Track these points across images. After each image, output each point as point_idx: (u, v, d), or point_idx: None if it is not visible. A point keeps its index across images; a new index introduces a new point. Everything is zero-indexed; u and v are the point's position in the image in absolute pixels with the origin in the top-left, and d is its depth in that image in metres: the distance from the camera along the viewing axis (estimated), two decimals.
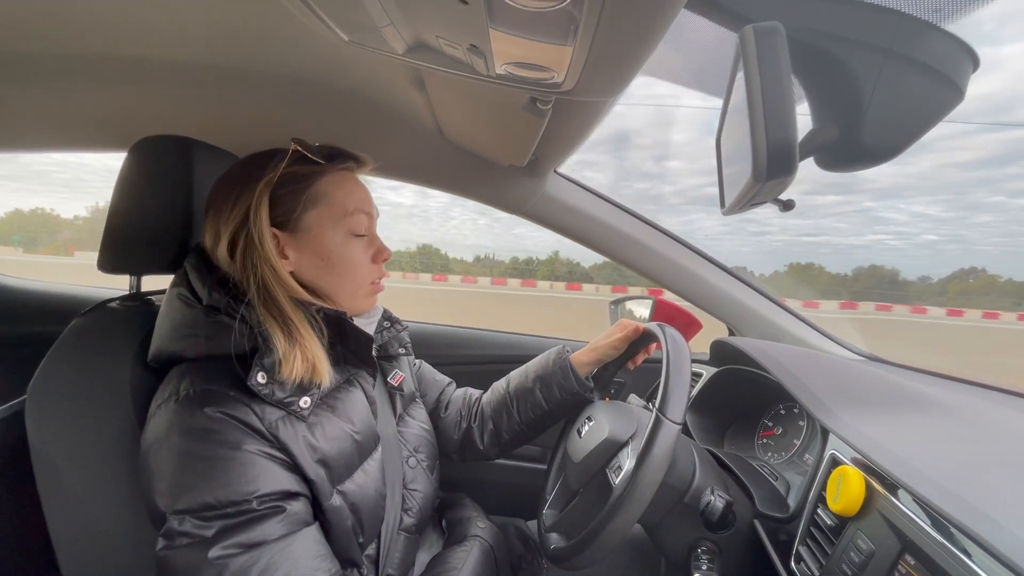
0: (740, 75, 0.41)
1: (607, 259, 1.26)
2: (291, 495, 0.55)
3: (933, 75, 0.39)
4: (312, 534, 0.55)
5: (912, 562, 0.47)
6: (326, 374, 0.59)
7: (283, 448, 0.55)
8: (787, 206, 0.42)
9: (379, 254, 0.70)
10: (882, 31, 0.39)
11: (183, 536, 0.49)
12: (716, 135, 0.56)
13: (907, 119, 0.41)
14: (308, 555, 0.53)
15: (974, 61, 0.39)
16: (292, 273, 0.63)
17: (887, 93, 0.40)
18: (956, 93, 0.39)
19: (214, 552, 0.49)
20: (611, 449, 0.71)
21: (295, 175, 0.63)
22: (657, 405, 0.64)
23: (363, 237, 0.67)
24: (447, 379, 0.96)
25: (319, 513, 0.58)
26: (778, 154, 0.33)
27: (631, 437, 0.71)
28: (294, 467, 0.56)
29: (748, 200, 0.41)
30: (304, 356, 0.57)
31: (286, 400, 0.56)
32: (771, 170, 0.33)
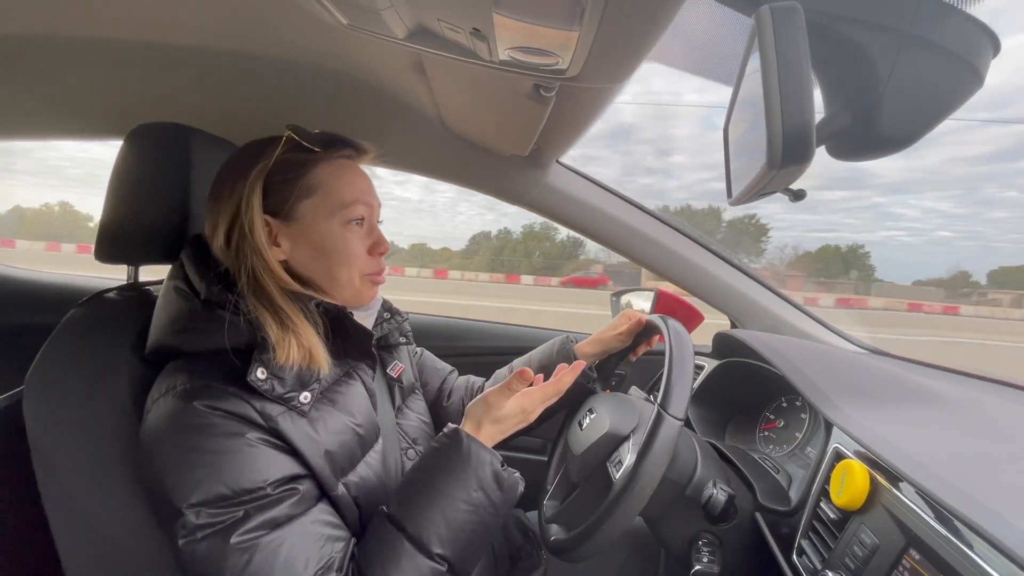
0: (752, 60, 0.39)
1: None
2: (300, 477, 0.55)
3: (952, 59, 0.38)
4: (324, 507, 0.56)
5: (917, 557, 0.47)
6: (324, 362, 0.58)
7: (284, 440, 0.55)
8: (797, 196, 0.41)
9: (376, 246, 0.67)
10: (900, 13, 0.37)
11: (203, 528, 0.49)
12: (724, 124, 0.55)
13: (924, 105, 0.40)
14: (327, 527, 0.55)
15: (995, 45, 0.38)
16: (286, 263, 0.63)
17: (904, 77, 0.38)
18: (975, 78, 0.38)
19: (236, 538, 0.49)
20: (612, 443, 0.71)
21: (289, 163, 0.62)
22: (659, 400, 0.63)
23: (361, 228, 0.66)
24: (449, 367, 0.96)
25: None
26: (794, 140, 0.31)
27: (632, 431, 0.71)
28: (297, 457, 0.56)
29: (758, 190, 0.40)
30: (299, 343, 0.56)
31: (286, 395, 0.55)
32: (786, 157, 0.32)
